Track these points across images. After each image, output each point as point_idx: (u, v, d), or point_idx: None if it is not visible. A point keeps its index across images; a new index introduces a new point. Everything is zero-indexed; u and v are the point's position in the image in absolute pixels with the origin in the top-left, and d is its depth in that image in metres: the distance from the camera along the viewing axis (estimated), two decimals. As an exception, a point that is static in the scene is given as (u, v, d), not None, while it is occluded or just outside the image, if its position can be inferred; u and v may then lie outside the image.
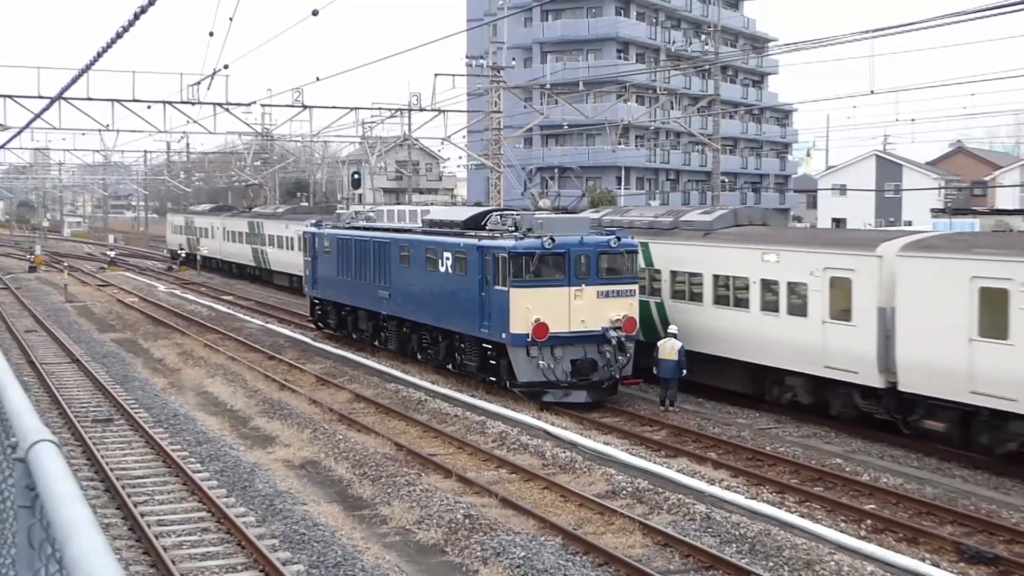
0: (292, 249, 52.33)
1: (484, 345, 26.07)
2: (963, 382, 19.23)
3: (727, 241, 25.67)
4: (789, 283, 23.51)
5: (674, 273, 26.91)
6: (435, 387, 27.11)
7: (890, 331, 20.88)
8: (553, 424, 22.78)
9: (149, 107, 42.87)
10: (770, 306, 24.06)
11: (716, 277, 25.64)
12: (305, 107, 45.62)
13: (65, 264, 66.10)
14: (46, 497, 3.06)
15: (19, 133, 51.39)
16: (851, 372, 21.81)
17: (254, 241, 59.60)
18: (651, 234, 27.81)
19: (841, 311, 22.17)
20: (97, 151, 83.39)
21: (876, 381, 21.26)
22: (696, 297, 26.18)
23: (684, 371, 24.70)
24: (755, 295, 24.46)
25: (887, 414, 21.57)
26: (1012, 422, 18.61)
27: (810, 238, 26.39)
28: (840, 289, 22.20)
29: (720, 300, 25.55)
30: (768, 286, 24.13)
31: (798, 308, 23.21)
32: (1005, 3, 23.98)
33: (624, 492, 17.87)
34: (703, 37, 76.94)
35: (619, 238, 25.30)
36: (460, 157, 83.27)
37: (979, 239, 22.39)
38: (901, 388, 20.73)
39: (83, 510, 2.84)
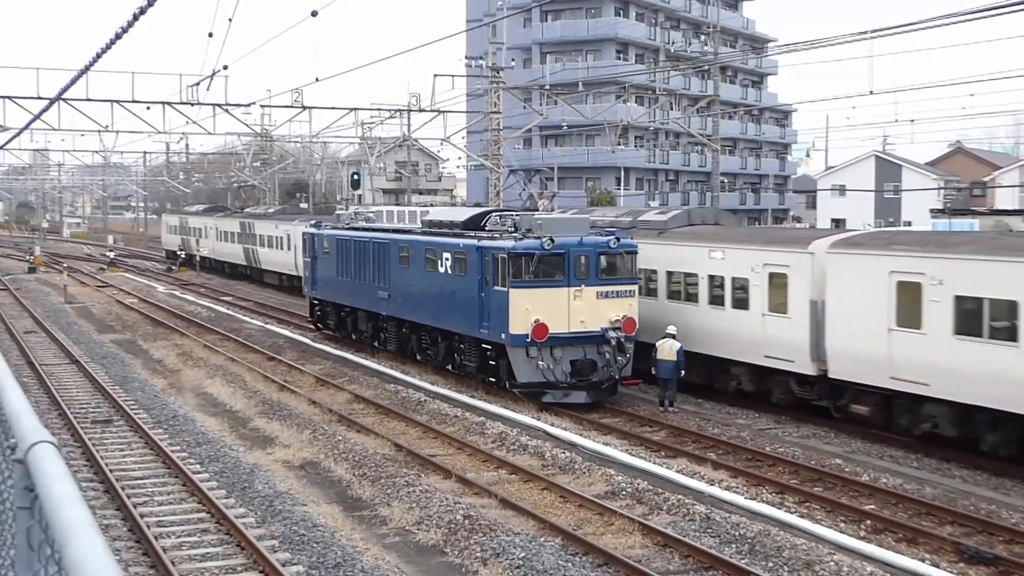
0: (282, 248, 53.67)
1: (484, 346, 26.07)
2: (884, 368, 20.79)
3: (679, 240, 27.18)
4: (733, 278, 24.99)
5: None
6: (435, 388, 27.11)
7: (821, 323, 22.43)
8: (553, 425, 22.78)
9: (148, 108, 42.90)
10: (717, 300, 25.49)
11: (669, 274, 27.17)
12: (304, 108, 45.61)
13: (64, 265, 66.11)
14: (45, 498, 3.06)
15: (18, 134, 51.38)
16: (788, 361, 23.36)
17: (245, 241, 60.50)
18: None
19: (779, 304, 23.75)
20: (96, 152, 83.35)
21: (809, 369, 22.89)
22: (652, 292, 27.50)
23: (683, 371, 24.73)
24: (703, 290, 25.98)
25: (820, 400, 23.06)
26: (926, 405, 20.24)
27: (752, 236, 28.00)
28: (778, 284, 23.78)
29: (673, 295, 27.00)
30: (714, 282, 25.59)
31: (741, 302, 24.77)
32: (1004, 3, 23.99)
33: (624, 493, 17.87)
34: (702, 38, 76.98)
35: (618, 238, 25.30)
36: (459, 158, 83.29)
37: (899, 236, 24.01)
38: (831, 375, 22.27)
39: (82, 511, 2.84)
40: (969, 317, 19.25)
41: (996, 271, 18.92)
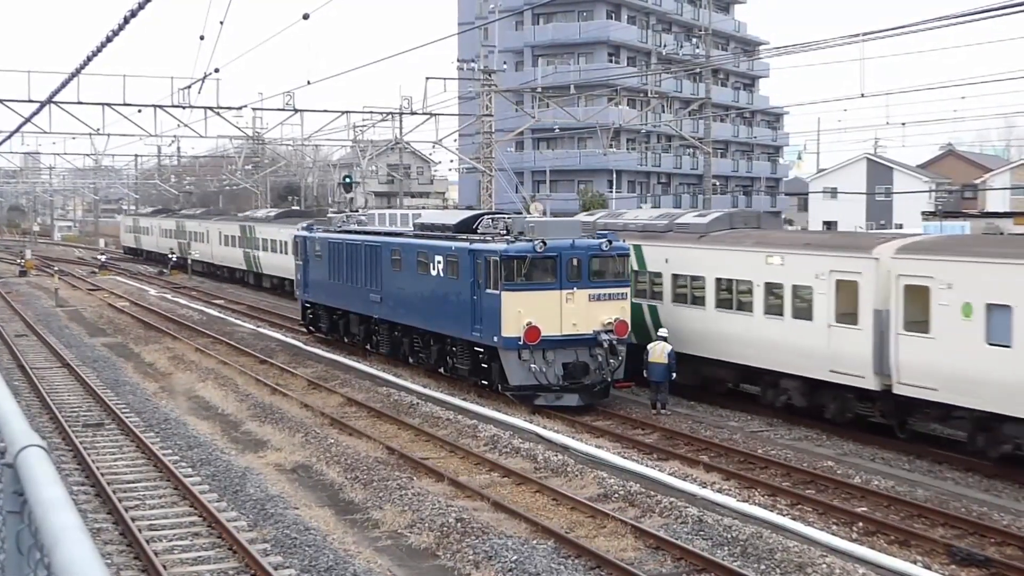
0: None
1: (476, 348, 26.06)
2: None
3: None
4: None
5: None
6: (427, 391, 27.10)
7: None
8: (545, 427, 22.77)
9: (140, 111, 42.86)
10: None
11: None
12: (296, 111, 45.61)
13: (56, 268, 65.92)
14: (34, 502, 3.05)
15: (9, 137, 51.32)
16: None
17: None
18: None
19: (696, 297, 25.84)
20: (88, 155, 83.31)
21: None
22: (698, 301, 27.55)
23: (674, 374, 24.74)
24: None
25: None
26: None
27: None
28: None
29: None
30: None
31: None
32: (995, 7, 24.06)
33: (616, 495, 17.87)
34: (694, 40, 77.18)
35: (610, 241, 25.31)
36: (451, 161, 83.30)
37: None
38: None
39: (72, 515, 2.83)
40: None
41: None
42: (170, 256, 73.02)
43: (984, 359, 18.87)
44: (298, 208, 73.96)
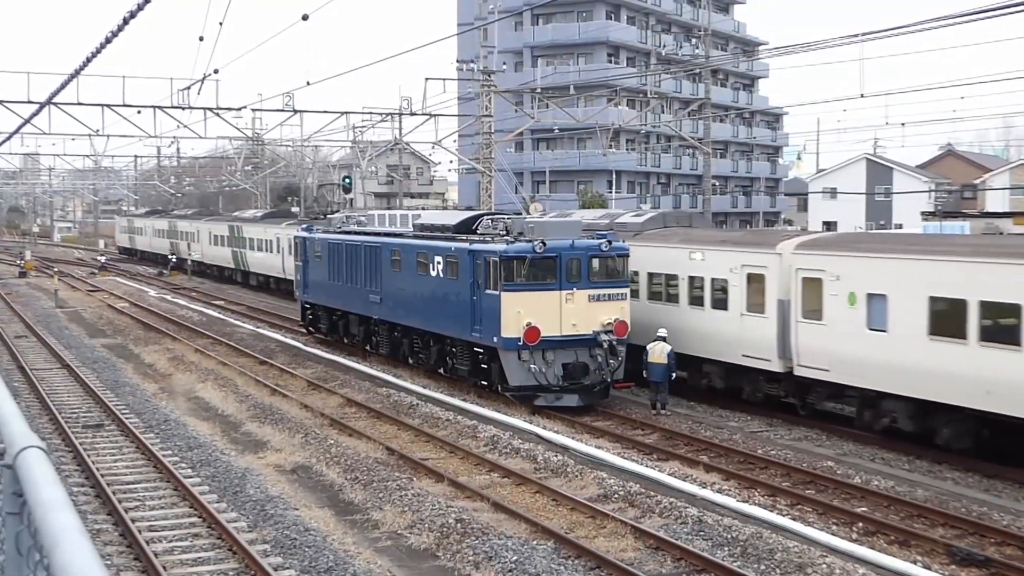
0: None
1: (475, 349, 26.06)
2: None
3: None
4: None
5: None
6: (427, 391, 27.09)
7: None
8: (545, 428, 22.77)
9: (139, 112, 42.81)
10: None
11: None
12: (296, 111, 45.59)
13: (55, 269, 65.94)
14: (34, 504, 3.05)
15: (8, 138, 51.30)
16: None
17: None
18: None
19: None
20: (87, 156, 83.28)
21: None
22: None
23: (673, 374, 24.75)
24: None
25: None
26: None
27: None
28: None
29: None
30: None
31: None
32: (994, 7, 24.06)
33: (616, 496, 17.87)
34: (693, 41, 77.18)
35: (610, 241, 25.31)
36: (451, 161, 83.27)
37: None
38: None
39: (71, 517, 2.83)
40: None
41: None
42: (170, 257, 73.11)
43: (865, 343, 21.33)
44: (284, 208, 74.64)
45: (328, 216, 41.47)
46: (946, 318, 19.69)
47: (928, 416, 20.40)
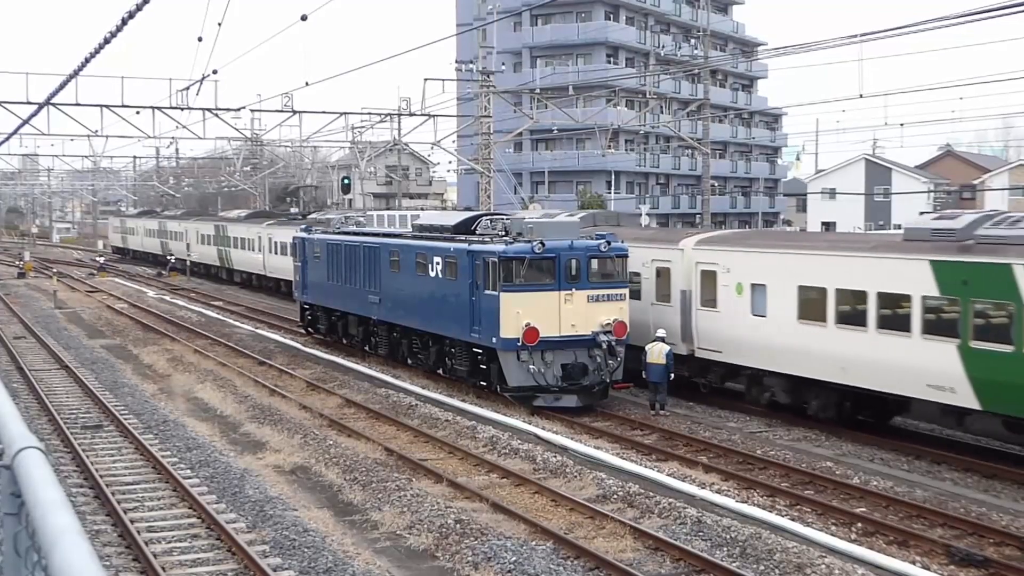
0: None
1: (475, 350, 26.05)
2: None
3: None
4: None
5: None
6: (425, 392, 27.09)
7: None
8: (544, 428, 22.76)
9: (138, 112, 42.81)
10: None
11: None
12: (295, 112, 45.61)
13: (54, 270, 65.93)
14: (32, 504, 3.05)
15: (7, 139, 51.33)
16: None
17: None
18: None
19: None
20: (86, 157, 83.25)
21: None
22: None
23: (672, 374, 24.75)
24: None
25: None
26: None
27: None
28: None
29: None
30: None
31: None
32: (993, 7, 24.07)
33: (615, 496, 17.87)
34: (692, 41, 77.13)
35: (609, 242, 25.30)
36: (450, 162, 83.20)
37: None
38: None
39: (69, 517, 2.83)
40: None
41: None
42: (168, 258, 73.15)
43: (750, 327, 24.28)
44: (263, 210, 75.26)
45: (307, 216, 41.62)
46: (811, 305, 22.76)
47: (800, 390, 23.45)
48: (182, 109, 41.76)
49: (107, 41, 19.62)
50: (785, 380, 23.65)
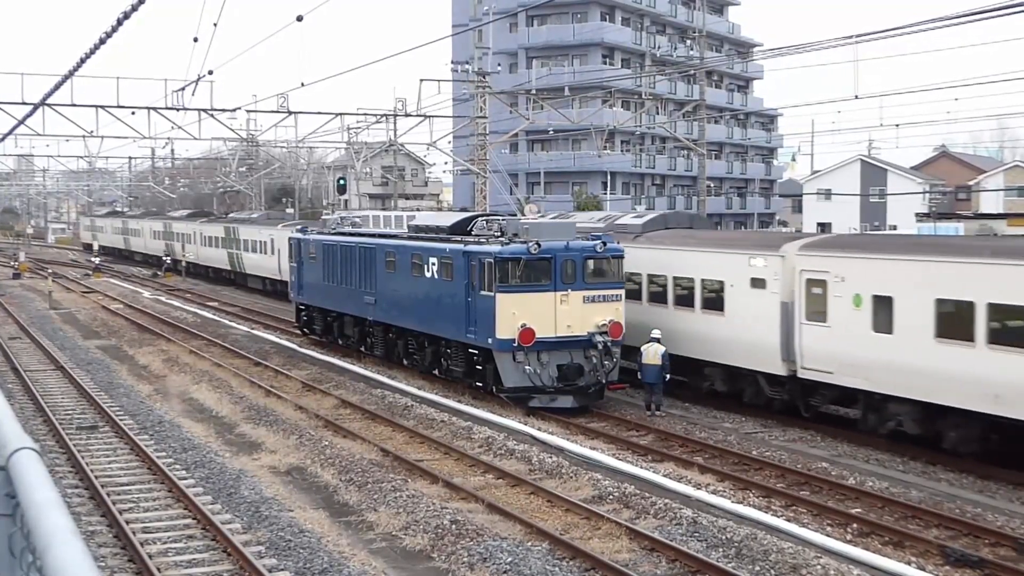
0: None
1: (470, 350, 26.05)
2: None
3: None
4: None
5: None
6: (421, 393, 27.07)
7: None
8: (539, 429, 22.77)
9: (133, 113, 42.75)
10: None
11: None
12: (290, 113, 45.55)
13: (49, 271, 65.83)
14: (27, 505, 3.04)
15: (2, 139, 51.24)
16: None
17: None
18: None
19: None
20: (81, 157, 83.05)
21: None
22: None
23: (667, 375, 24.75)
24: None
25: None
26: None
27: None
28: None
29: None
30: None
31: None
32: (988, 8, 24.10)
33: (611, 497, 17.87)
34: (688, 42, 77.24)
35: (605, 243, 25.31)
36: (446, 162, 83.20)
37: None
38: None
39: (64, 518, 2.82)
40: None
41: None
42: (164, 259, 73.07)
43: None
44: (238, 212, 75.64)
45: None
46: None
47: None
48: (178, 110, 41.70)
49: (102, 41, 19.62)
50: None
